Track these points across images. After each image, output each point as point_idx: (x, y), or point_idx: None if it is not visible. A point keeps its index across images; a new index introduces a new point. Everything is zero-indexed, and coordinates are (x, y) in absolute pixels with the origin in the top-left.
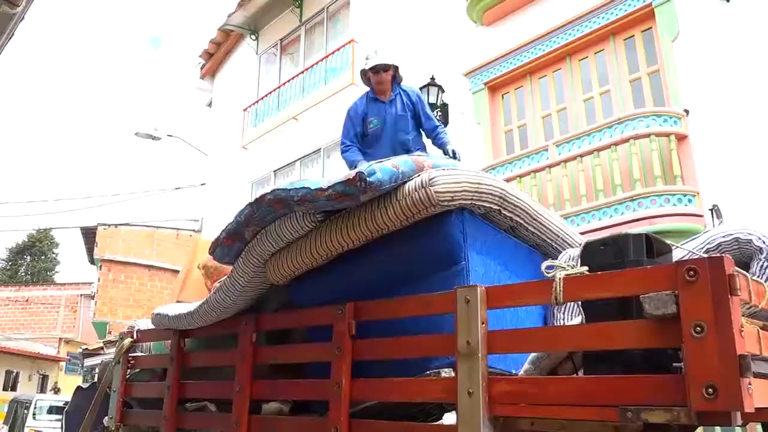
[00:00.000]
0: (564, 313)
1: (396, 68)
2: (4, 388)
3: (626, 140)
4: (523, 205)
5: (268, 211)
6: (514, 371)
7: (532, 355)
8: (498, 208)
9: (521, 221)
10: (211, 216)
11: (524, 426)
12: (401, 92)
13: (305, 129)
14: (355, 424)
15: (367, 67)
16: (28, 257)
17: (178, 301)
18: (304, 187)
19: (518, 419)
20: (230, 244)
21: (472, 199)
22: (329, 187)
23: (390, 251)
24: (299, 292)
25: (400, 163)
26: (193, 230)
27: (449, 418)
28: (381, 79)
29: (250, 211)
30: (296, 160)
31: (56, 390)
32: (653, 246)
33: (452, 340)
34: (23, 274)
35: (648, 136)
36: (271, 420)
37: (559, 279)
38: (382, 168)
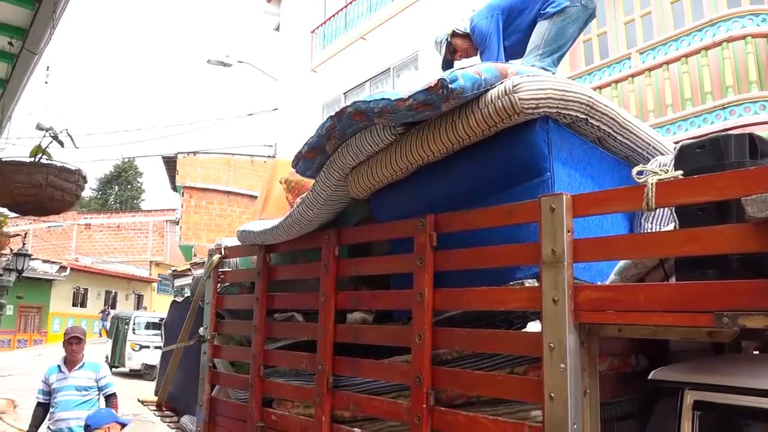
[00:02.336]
0: (652, 223)
1: None
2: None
3: (718, 44)
4: (611, 113)
5: (348, 123)
6: (599, 283)
7: (619, 265)
8: (585, 116)
9: (609, 131)
10: (284, 141)
11: (611, 333)
12: None
13: (374, 49)
14: (438, 332)
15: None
16: (116, 187)
17: (260, 219)
18: (384, 99)
19: (605, 326)
20: (312, 158)
21: (557, 108)
22: (410, 97)
23: (471, 163)
24: (380, 205)
25: (482, 69)
26: (267, 156)
27: (533, 327)
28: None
29: (331, 124)
30: (365, 81)
31: (144, 309)
32: (757, 147)
33: (536, 249)
34: (113, 202)
35: (743, 38)
36: (356, 328)
37: (652, 184)
38: (464, 74)
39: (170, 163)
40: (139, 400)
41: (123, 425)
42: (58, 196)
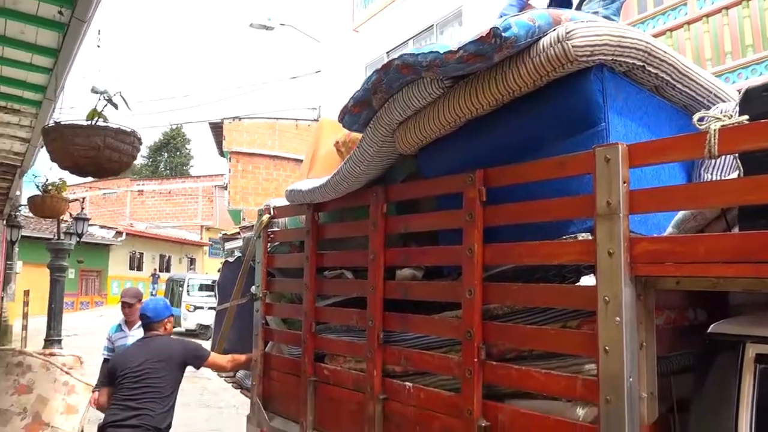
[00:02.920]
0: (712, 173)
1: None
2: (160, 270)
3: None
4: (670, 59)
5: (395, 77)
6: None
7: (676, 218)
8: (642, 64)
9: (668, 78)
10: (328, 103)
11: (669, 285)
12: None
13: (416, 6)
14: (488, 287)
15: None
16: (166, 154)
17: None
18: (432, 51)
19: (662, 279)
20: (358, 112)
21: (613, 55)
22: (460, 49)
23: (521, 116)
24: (428, 161)
25: (536, 16)
26: (312, 119)
27: (587, 281)
28: None
29: (378, 77)
30: (408, 39)
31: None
32: None
33: (590, 201)
34: (163, 169)
35: None
36: (406, 284)
37: (714, 130)
38: (517, 22)
39: (217, 128)
40: None
41: (174, 316)
42: (115, 157)
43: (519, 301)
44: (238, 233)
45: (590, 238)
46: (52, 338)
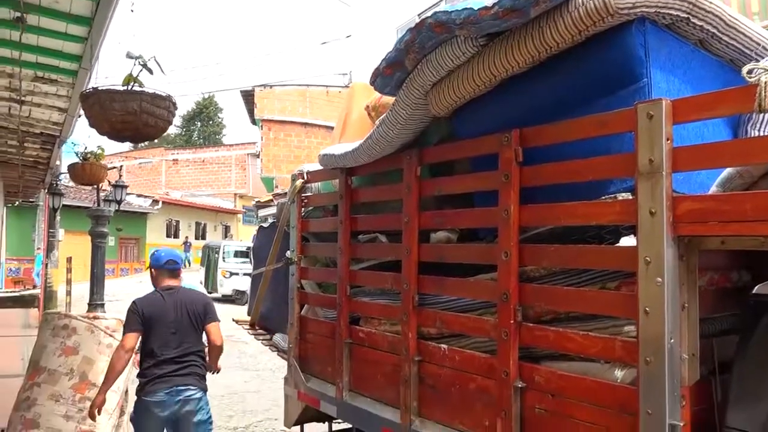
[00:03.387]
0: (761, 129)
1: None
2: (196, 237)
3: None
4: (716, 11)
5: (428, 36)
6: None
7: (721, 176)
8: (686, 15)
9: (714, 31)
10: (359, 68)
11: (713, 245)
12: None
13: None
14: (525, 249)
15: None
16: (199, 123)
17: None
18: (466, 8)
19: (706, 238)
20: (390, 74)
21: (656, 6)
22: (495, 4)
23: (559, 73)
24: (462, 122)
25: None
26: (342, 86)
27: (627, 242)
28: None
29: (411, 37)
30: (441, 0)
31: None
32: None
33: (631, 160)
34: (196, 138)
35: None
36: (441, 247)
37: (765, 82)
38: None
39: (248, 96)
40: (233, 320)
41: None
42: (152, 122)
43: (556, 263)
44: (271, 200)
45: (631, 197)
46: (95, 303)
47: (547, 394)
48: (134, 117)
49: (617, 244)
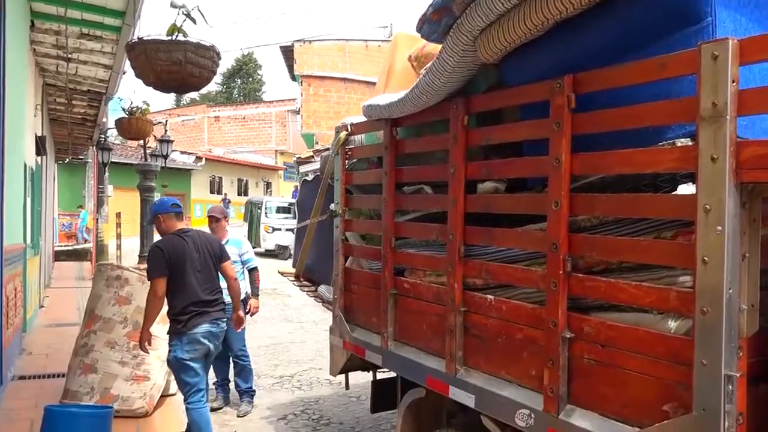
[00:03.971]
0: None
1: None
2: (239, 193)
3: None
4: None
5: None
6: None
7: None
8: None
9: None
10: (399, 21)
11: None
12: None
13: None
14: (576, 198)
15: None
16: (239, 80)
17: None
18: None
19: None
20: (437, 20)
21: None
22: None
23: (615, 15)
24: (511, 69)
25: None
26: (381, 40)
27: (684, 190)
28: None
29: None
30: None
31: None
32: None
33: (692, 104)
34: (236, 95)
35: None
36: (488, 198)
37: None
38: None
39: (288, 52)
40: (279, 272)
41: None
42: (196, 72)
43: (610, 212)
44: (312, 157)
45: (691, 143)
46: (145, 255)
47: (596, 344)
48: (179, 67)
49: (674, 193)
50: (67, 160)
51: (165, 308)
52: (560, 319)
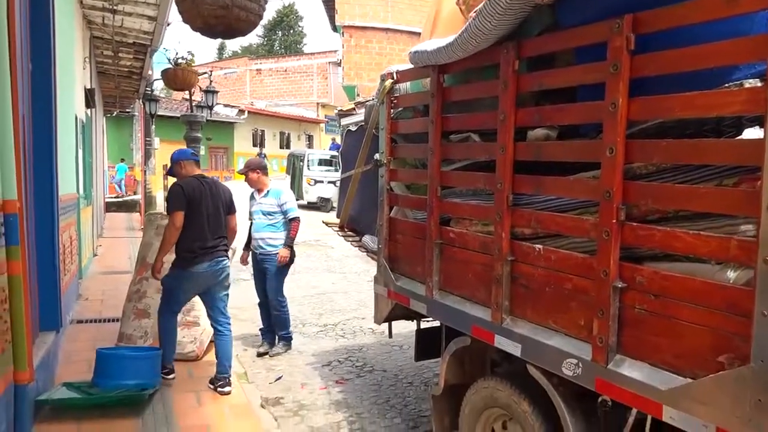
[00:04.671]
0: None
1: None
2: (281, 147)
3: None
4: None
5: None
6: None
7: None
8: None
9: None
10: None
11: None
12: None
13: None
14: (632, 144)
15: None
16: (279, 32)
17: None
18: None
19: None
20: None
21: None
22: None
23: None
24: (567, 10)
25: None
26: None
27: (750, 134)
28: None
29: None
30: None
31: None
32: None
33: (763, 42)
34: (278, 48)
35: None
36: (538, 145)
37: None
38: None
39: (329, 2)
40: (323, 222)
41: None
42: (243, 16)
43: (668, 159)
44: (353, 109)
45: (760, 84)
46: None
47: (648, 294)
48: (226, 11)
49: (740, 137)
50: (115, 113)
51: None
52: (612, 269)
